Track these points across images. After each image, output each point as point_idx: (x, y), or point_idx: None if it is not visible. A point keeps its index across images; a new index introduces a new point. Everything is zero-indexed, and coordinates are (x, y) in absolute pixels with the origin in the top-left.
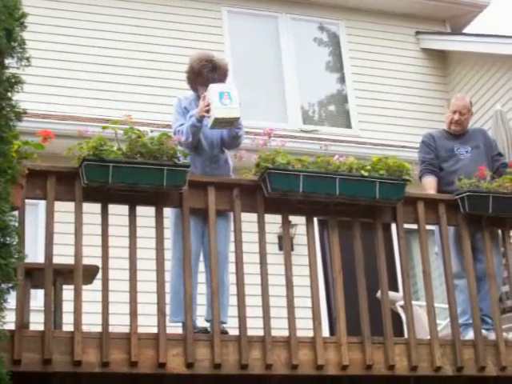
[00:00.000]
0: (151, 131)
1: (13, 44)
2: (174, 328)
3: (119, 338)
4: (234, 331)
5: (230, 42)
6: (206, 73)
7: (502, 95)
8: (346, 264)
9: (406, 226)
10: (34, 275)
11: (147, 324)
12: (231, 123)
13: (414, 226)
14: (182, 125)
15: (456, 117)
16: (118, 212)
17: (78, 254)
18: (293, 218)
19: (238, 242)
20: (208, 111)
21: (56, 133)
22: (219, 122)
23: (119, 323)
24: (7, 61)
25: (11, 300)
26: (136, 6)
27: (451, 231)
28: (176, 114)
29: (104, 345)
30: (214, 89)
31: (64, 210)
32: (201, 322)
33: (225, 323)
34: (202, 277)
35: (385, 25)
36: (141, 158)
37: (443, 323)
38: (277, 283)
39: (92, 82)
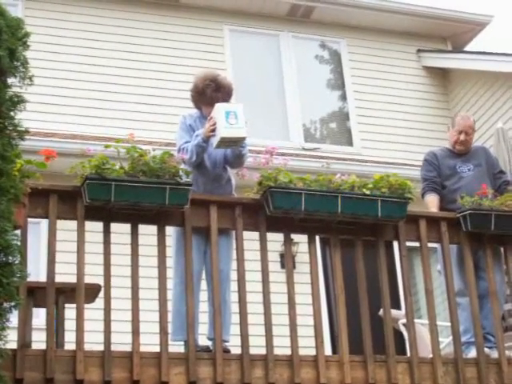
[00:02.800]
0: (153, 150)
1: (15, 63)
2: (176, 346)
3: (121, 357)
4: (236, 349)
5: (231, 60)
6: (209, 92)
7: (503, 113)
8: (348, 282)
9: (409, 243)
10: (36, 294)
11: (149, 342)
12: (236, 143)
13: (417, 244)
14: (186, 142)
15: (462, 137)
16: (120, 230)
17: (80, 273)
18: (295, 236)
19: (240, 260)
20: (214, 130)
21: (58, 151)
22: (225, 142)
23: (121, 341)
24: (10, 80)
25: (13, 319)
26: (138, 25)
27: (454, 249)
28: (181, 131)
29: (106, 363)
30: (220, 108)
31: (66, 228)
32: (202, 341)
33: (227, 342)
34: (203, 295)
35: (386, 43)
36: (143, 177)
37: (445, 341)
38: (279, 301)
39: (94, 100)
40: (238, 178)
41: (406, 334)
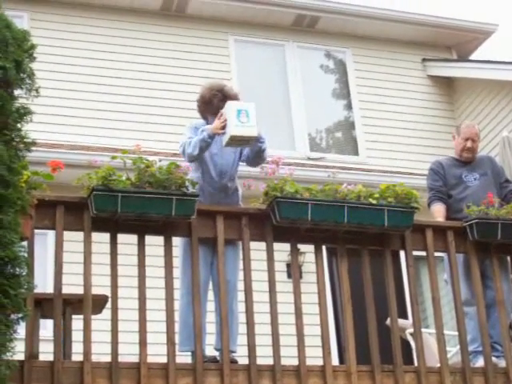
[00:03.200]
0: (160, 161)
1: (22, 75)
2: (183, 357)
3: (129, 368)
4: (243, 360)
5: (236, 70)
6: (216, 102)
7: (509, 121)
8: (355, 291)
9: (415, 253)
10: (43, 305)
11: (156, 353)
12: (247, 142)
13: (423, 253)
14: (190, 137)
15: (469, 144)
16: (127, 241)
17: (87, 284)
18: (301, 246)
19: (247, 271)
20: (224, 128)
21: (65, 162)
22: (235, 140)
23: (128, 352)
24: (16, 92)
25: (21, 330)
26: (144, 36)
27: (460, 258)
28: (186, 131)
29: (114, 374)
30: (231, 106)
31: (73, 239)
32: (209, 351)
33: (234, 352)
34: (210, 305)
35: (391, 52)
36: (149, 188)
37: (453, 350)
38: (286, 311)
39: (101, 111)
40: (244, 189)
41: (413, 343)
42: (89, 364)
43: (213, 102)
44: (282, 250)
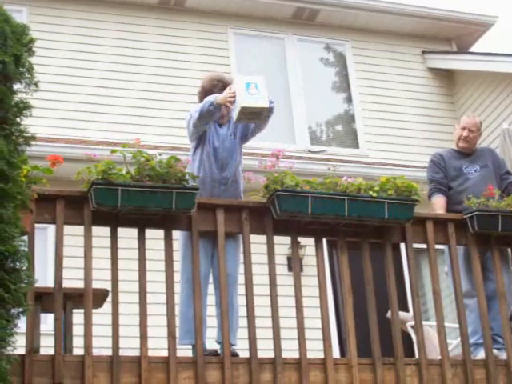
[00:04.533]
0: (160, 154)
1: (21, 69)
2: (184, 351)
3: (130, 362)
4: (244, 353)
5: (236, 63)
6: (217, 91)
7: (509, 114)
8: (356, 284)
9: (416, 245)
10: (43, 299)
11: (157, 347)
12: (259, 114)
13: (424, 246)
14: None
15: (465, 133)
16: (127, 235)
17: (87, 278)
18: (302, 239)
19: (248, 264)
20: (232, 103)
21: (65, 156)
22: (246, 113)
23: (129, 346)
24: (16, 86)
25: (21, 324)
26: (143, 30)
27: (461, 250)
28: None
29: (114, 368)
30: (240, 79)
31: (73, 233)
32: (210, 344)
33: (234, 345)
34: (211, 299)
35: (391, 45)
36: (149, 182)
37: (454, 343)
38: (286, 304)
39: (100, 105)
40: (244, 182)
41: (414, 335)
42: (90, 358)
43: (213, 92)
44: (282, 243)
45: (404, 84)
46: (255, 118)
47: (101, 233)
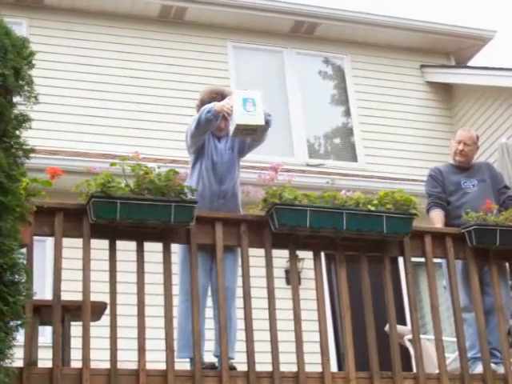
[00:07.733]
0: (158, 167)
1: (21, 82)
2: (182, 364)
3: (128, 375)
4: (242, 366)
5: (235, 76)
6: None
7: (507, 128)
8: (354, 298)
9: (414, 259)
10: (42, 312)
11: (155, 360)
12: (254, 131)
13: (422, 260)
14: None
15: (460, 147)
16: (126, 248)
17: (85, 291)
18: (300, 253)
19: (246, 277)
20: (229, 114)
21: (64, 169)
22: (241, 130)
23: (127, 359)
24: (15, 99)
25: (19, 337)
26: (142, 43)
27: (459, 265)
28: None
29: (112, 381)
30: (238, 94)
31: (72, 246)
32: (208, 358)
33: (232, 359)
34: (209, 312)
35: (390, 58)
36: (148, 195)
37: (452, 357)
38: (284, 317)
39: (99, 118)
40: (243, 195)
41: (411, 349)
42: (88, 371)
43: None
44: (280, 256)
45: (402, 98)
46: (251, 134)
47: (99, 245)
